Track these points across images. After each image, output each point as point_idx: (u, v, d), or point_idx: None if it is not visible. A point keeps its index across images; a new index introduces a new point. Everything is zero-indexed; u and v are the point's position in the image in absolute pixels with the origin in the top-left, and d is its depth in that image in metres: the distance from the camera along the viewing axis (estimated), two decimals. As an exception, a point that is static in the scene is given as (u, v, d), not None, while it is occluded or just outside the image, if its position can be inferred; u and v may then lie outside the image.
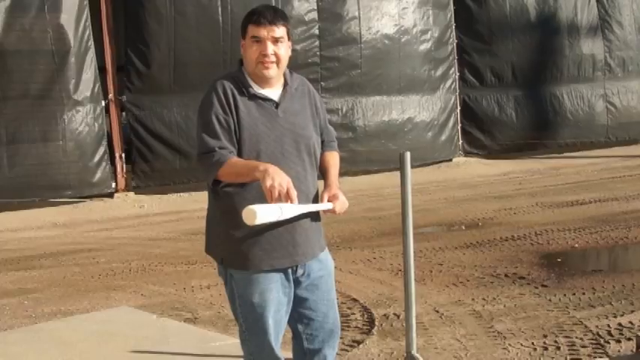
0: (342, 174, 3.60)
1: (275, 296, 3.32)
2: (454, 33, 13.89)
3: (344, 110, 12.83)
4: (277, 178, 3.01)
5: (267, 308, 3.30)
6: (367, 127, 12.95)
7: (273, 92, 3.34)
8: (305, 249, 3.36)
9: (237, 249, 3.28)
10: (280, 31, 3.29)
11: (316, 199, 3.38)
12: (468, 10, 14.02)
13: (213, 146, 3.18)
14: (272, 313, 3.32)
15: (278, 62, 3.29)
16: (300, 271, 3.38)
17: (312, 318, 3.45)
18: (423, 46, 13.43)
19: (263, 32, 3.26)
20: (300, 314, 3.45)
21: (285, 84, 3.38)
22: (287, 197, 3.03)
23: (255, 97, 3.29)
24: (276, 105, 3.32)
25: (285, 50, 3.31)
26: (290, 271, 3.35)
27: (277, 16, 3.31)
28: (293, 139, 3.33)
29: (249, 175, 3.12)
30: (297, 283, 3.39)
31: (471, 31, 14.04)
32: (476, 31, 14.09)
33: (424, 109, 13.45)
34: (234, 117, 3.23)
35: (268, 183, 3.00)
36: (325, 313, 3.48)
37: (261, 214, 2.94)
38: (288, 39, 3.34)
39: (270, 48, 3.26)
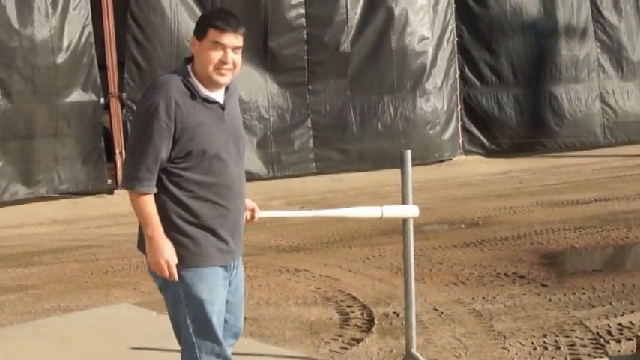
0: (337, 172, 3.68)
1: (222, 292, 3.35)
2: (454, 31, 13.86)
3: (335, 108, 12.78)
4: (164, 255, 3.19)
5: (215, 304, 3.32)
6: (365, 126, 12.89)
7: (218, 94, 3.33)
8: (239, 247, 3.42)
9: (190, 245, 3.27)
10: (241, 40, 3.29)
11: None
12: (469, 9, 14.00)
13: (144, 177, 3.20)
14: (218, 309, 3.34)
15: (233, 70, 3.29)
16: (233, 271, 3.42)
17: (226, 320, 3.46)
18: (423, 45, 13.39)
19: (226, 40, 3.23)
20: None
21: (227, 86, 3.38)
22: (169, 275, 3.22)
23: (203, 100, 3.26)
24: (222, 107, 3.32)
25: (240, 58, 3.31)
26: (229, 268, 3.39)
27: (239, 24, 3.30)
28: (235, 140, 3.36)
29: (142, 225, 3.24)
30: (229, 283, 3.43)
31: (471, 29, 14.01)
32: (476, 30, 14.07)
33: (425, 107, 13.40)
34: (176, 123, 3.19)
35: (156, 258, 3.20)
36: (237, 317, 3.53)
37: None
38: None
39: (230, 56, 3.25)
